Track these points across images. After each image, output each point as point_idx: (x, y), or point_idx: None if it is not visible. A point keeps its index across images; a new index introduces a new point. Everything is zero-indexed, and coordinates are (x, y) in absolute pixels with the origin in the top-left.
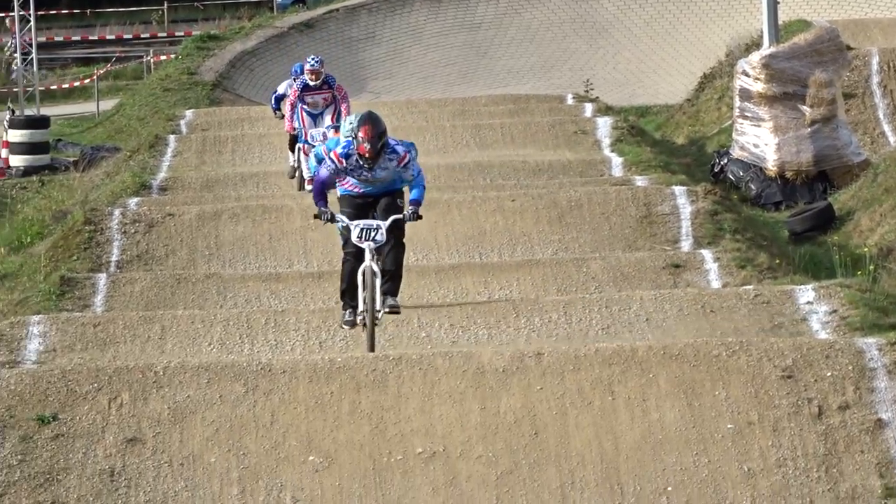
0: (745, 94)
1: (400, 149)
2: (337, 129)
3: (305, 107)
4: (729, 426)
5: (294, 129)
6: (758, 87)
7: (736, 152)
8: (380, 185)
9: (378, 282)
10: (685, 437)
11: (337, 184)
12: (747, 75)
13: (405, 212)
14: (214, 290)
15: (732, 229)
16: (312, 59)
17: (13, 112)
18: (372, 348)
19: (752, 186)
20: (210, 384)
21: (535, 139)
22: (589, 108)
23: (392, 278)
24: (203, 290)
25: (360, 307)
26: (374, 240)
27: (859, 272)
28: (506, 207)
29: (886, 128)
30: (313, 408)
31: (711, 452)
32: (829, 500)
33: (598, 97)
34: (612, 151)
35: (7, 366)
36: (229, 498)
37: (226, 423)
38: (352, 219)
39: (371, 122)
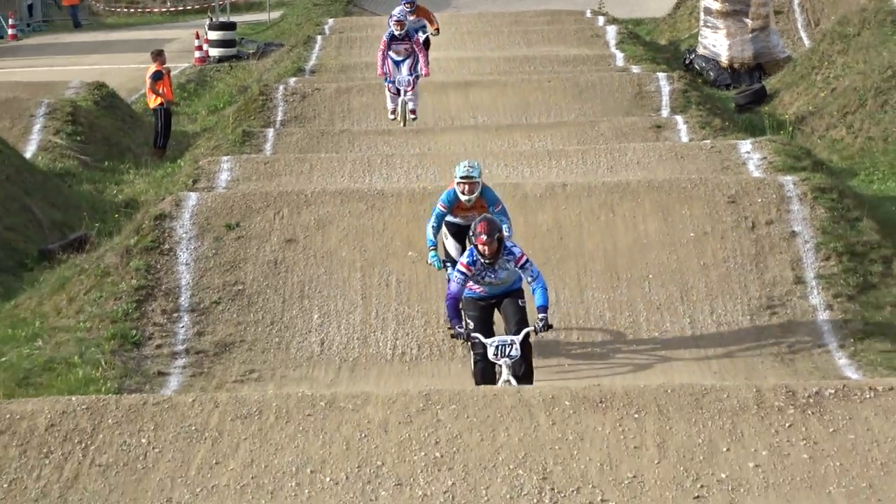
0: (708, 11)
1: (516, 250)
2: (414, 76)
3: (392, 54)
4: (691, 234)
5: (384, 73)
6: (716, 5)
7: (700, 50)
8: (501, 287)
9: None
10: (661, 241)
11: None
12: None
13: (535, 323)
14: (346, 140)
15: (697, 102)
16: (399, 10)
17: (211, 19)
18: None
19: (711, 74)
20: (343, 203)
21: (565, 40)
22: (601, 20)
23: (526, 381)
24: (338, 140)
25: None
26: (509, 356)
27: (782, 132)
28: (544, 86)
29: (803, 34)
30: (411, 220)
31: (679, 252)
32: (758, 285)
33: (607, 12)
34: (616, 49)
35: (206, 190)
36: (354, 280)
37: (353, 229)
38: (476, 322)
39: (487, 220)
